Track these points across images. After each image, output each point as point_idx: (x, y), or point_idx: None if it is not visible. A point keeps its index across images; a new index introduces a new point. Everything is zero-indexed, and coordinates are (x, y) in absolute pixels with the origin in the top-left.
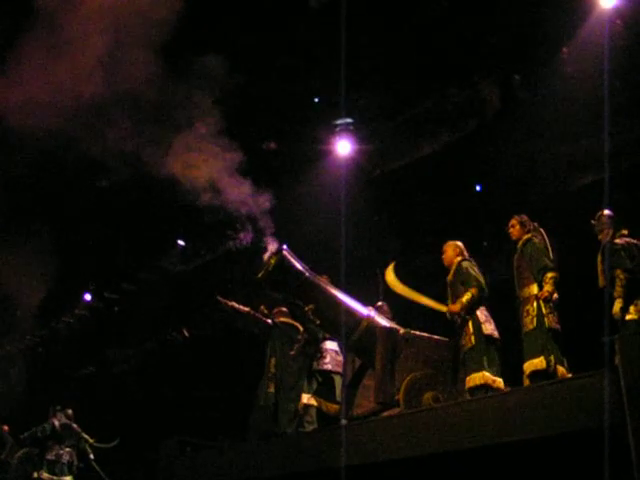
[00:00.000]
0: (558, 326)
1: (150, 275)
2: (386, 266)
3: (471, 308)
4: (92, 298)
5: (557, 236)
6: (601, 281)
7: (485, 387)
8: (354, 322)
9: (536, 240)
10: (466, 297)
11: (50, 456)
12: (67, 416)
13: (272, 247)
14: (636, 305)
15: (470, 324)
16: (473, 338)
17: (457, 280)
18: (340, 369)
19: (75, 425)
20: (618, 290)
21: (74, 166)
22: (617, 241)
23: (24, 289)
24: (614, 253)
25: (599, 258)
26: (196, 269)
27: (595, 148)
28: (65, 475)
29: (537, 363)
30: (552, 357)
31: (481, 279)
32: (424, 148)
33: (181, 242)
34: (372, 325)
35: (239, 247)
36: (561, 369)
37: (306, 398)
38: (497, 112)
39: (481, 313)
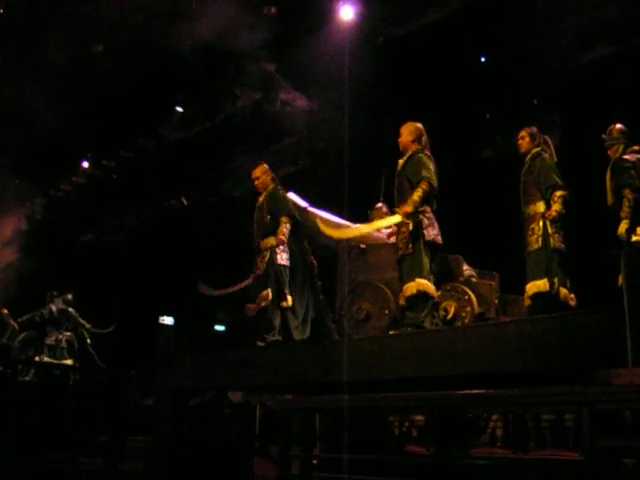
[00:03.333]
0: (563, 246)
1: (148, 142)
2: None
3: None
4: (89, 165)
5: (562, 113)
6: (609, 199)
7: (424, 295)
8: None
9: (546, 155)
10: (417, 194)
11: (50, 341)
12: (65, 301)
13: None
14: None
15: (410, 227)
16: (411, 245)
17: (407, 170)
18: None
19: (72, 310)
20: (625, 210)
21: (65, 29)
22: (627, 157)
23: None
24: (623, 171)
25: (608, 175)
26: (195, 136)
27: (608, 19)
28: (66, 359)
29: (540, 285)
30: (556, 279)
31: (433, 174)
32: (430, 14)
33: (179, 108)
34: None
35: (239, 112)
36: (564, 291)
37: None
38: None
39: (424, 216)
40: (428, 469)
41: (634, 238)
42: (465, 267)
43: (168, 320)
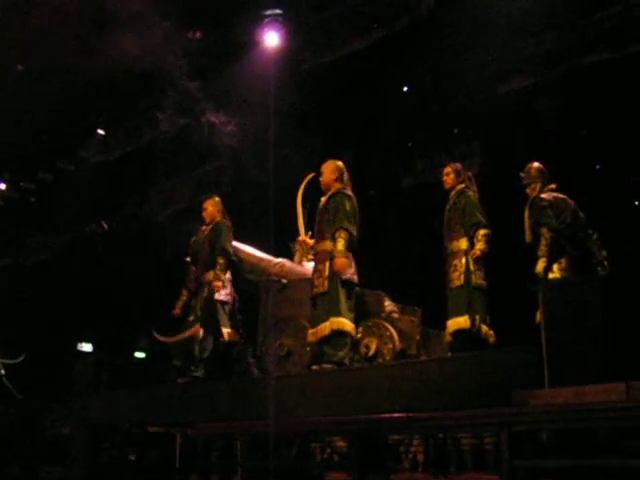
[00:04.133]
0: (484, 283)
1: (68, 165)
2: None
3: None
4: (6, 187)
5: (482, 140)
6: (527, 237)
7: (341, 333)
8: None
9: (470, 193)
10: (340, 244)
11: None
12: None
13: None
14: (560, 264)
15: (327, 266)
16: (327, 283)
17: (328, 209)
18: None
19: None
20: (542, 249)
21: None
22: (544, 196)
23: None
24: (540, 210)
25: (526, 213)
26: (117, 159)
27: (525, 52)
28: None
29: (461, 322)
30: (477, 316)
31: (352, 221)
32: (354, 44)
33: (101, 131)
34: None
35: (162, 136)
36: (484, 328)
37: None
38: (430, 10)
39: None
40: None
41: (551, 276)
42: (387, 303)
43: (87, 347)
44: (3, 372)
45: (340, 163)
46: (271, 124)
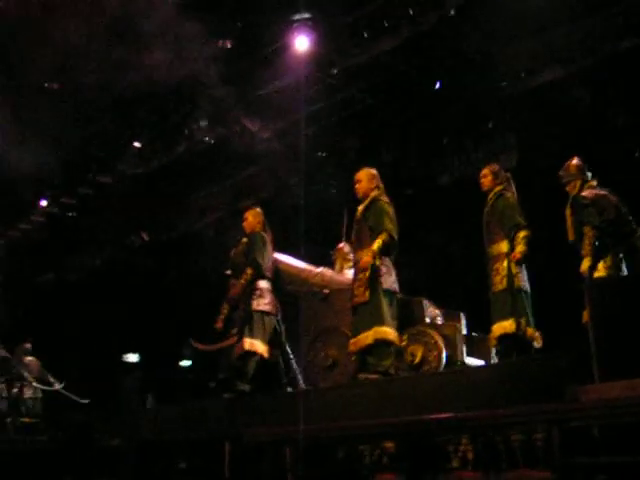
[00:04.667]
0: (527, 285)
1: (106, 178)
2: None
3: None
4: (48, 204)
5: (518, 133)
6: (570, 235)
7: (384, 343)
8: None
9: (508, 194)
10: (377, 244)
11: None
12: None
13: None
14: (605, 262)
15: (367, 274)
16: (368, 292)
17: (366, 218)
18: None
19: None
20: (586, 248)
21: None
22: (585, 194)
23: None
24: (582, 209)
25: (568, 212)
26: (154, 171)
27: (557, 43)
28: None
29: (507, 326)
30: (522, 319)
31: (393, 225)
32: (384, 43)
33: (137, 144)
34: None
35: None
36: (530, 331)
37: (248, 343)
38: (459, 5)
39: (382, 264)
40: None
41: (596, 274)
42: (430, 309)
43: (133, 357)
44: (59, 386)
45: (375, 171)
46: (303, 128)
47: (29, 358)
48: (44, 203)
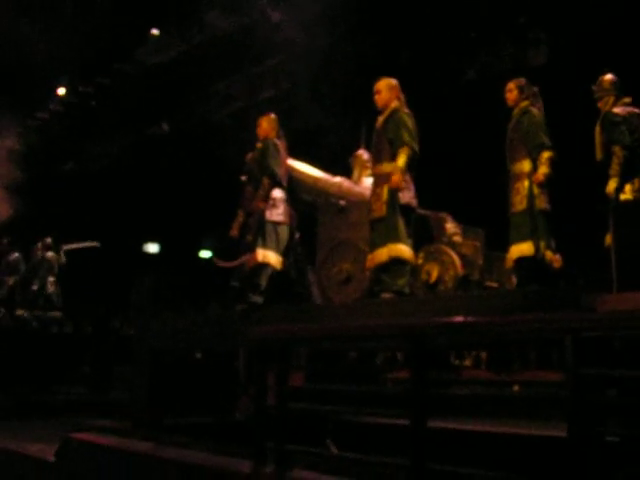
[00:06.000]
0: (548, 206)
1: (125, 67)
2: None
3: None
4: (66, 92)
5: (548, 31)
6: (598, 154)
7: (399, 261)
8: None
9: (535, 111)
10: (401, 160)
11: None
12: (45, 246)
13: None
14: (633, 184)
15: (385, 189)
16: (385, 207)
17: (386, 130)
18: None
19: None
20: (614, 168)
21: None
22: (617, 111)
23: None
24: (614, 126)
25: (597, 129)
26: (173, 60)
27: None
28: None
29: (525, 249)
30: (542, 242)
31: (413, 137)
32: None
33: (155, 31)
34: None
35: (218, 34)
36: (549, 254)
37: (261, 255)
38: None
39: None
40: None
41: (622, 197)
42: (449, 225)
43: (153, 247)
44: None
45: (395, 81)
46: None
47: (50, 253)
48: (62, 92)
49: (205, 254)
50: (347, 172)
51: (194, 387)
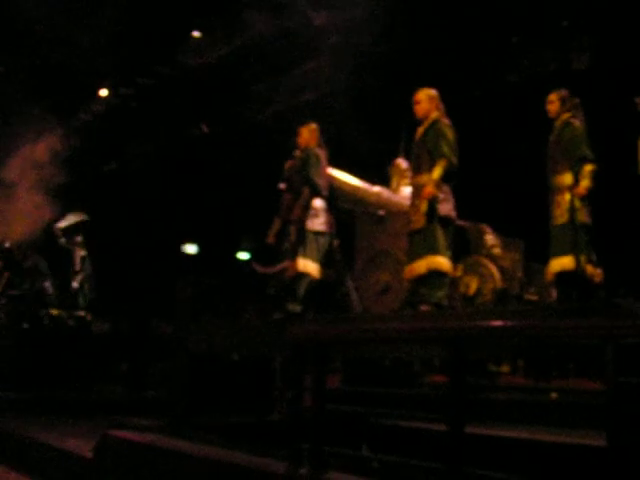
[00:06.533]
0: (590, 220)
1: (166, 69)
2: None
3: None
4: (108, 94)
5: (592, 36)
6: None
7: (438, 273)
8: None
9: (576, 123)
10: (437, 172)
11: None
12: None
13: None
14: None
15: (424, 201)
16: (424, 219)
17: (426, 141)
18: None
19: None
20: None
21: None
22: None
23: None
24: None
25: (639, 141)
26: (214, 63)
27: None
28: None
29: (566, 263)
30: (582, 256)
31: (452, 149)
32: None
33: (196, 33)
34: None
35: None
36: (590, 268)
37: (302, 264)
38: None
39: (440, 190)
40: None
41: None
42: (488, 237)
43: (191, 248)
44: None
45: (435, 91)
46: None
47: (82, 253)
48: (104, 93)
49: (243, 256)
50: (384, 181)
51: (231, 387)
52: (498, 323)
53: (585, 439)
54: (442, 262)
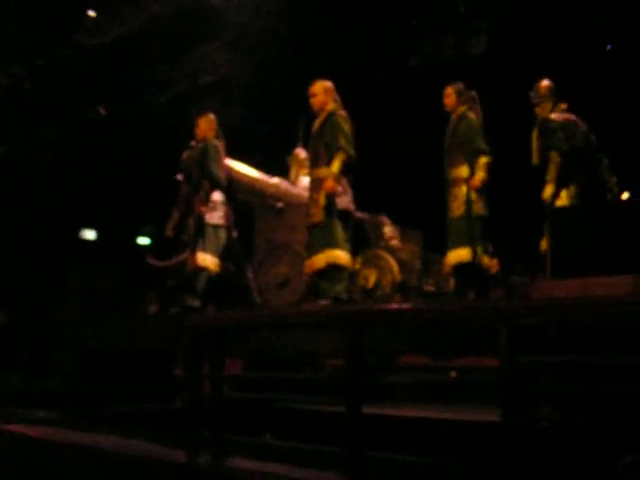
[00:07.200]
0: (486, 212)
1: (61, 50)
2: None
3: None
4: None
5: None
6: (535, 159)
7: (336, 267)
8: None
9: (472, 116)
10: (336, 166)
11: None
12: None
13: None
14: (569, 190)
15: (322, 195)
16: (323, 213)
17: (322, 133)
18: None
19: None
20: (551, 174)
21: None
22: (554, 117)
23: None
24: (550, 133)
25: (534, 134)
26: (111, 43)
27: None
28: None
29: (463, 255)
30: (479, 248)
31: (349, 142)
32: None
33: (92, 12)
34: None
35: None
36: (486, 259)
37: (201, 259)
38: None
39: (338, 183)
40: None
41: (558, 203)
42: (387, 228)
43: (90, 234)
44: None
45: (330, 84)
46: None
47: None
48: None
49: (143, 240)
50: (283, 166)
51: (134, 376)
52: (394, 306)
53: (482, 416)
54: (340, 256)
